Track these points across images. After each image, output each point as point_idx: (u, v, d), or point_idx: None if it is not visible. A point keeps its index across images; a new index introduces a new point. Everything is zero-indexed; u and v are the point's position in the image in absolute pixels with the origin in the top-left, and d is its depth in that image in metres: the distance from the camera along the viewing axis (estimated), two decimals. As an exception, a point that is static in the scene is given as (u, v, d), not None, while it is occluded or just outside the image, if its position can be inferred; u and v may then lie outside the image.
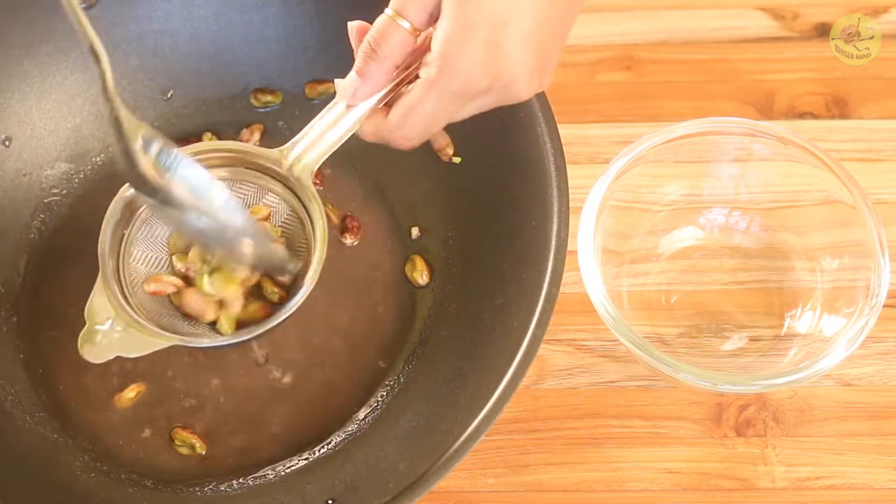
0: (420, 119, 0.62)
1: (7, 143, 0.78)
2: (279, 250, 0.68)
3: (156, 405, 0.73)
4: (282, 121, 0.80)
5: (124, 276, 0.68)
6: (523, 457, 0.74)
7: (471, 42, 0.58)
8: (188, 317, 0.69)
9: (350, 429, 0.73)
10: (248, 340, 0.67)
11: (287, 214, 0.70)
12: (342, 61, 0.79)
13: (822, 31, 0.88)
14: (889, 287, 0.70)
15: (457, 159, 0.74)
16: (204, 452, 0.72)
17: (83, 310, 0.75)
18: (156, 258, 0.70)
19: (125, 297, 0.67)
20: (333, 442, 0.72)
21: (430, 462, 0.62)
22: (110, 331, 0.66)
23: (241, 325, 0.69)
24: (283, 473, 0.72)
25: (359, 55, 0.62)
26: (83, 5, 0.78)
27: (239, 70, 0.78)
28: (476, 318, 0.72)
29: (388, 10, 0.61)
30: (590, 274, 0.71)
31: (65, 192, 0.80)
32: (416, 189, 0.78)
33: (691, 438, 0.74)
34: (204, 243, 0.67)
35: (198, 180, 0.63)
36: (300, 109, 0.80)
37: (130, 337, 0.66)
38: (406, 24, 0.60)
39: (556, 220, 0.68)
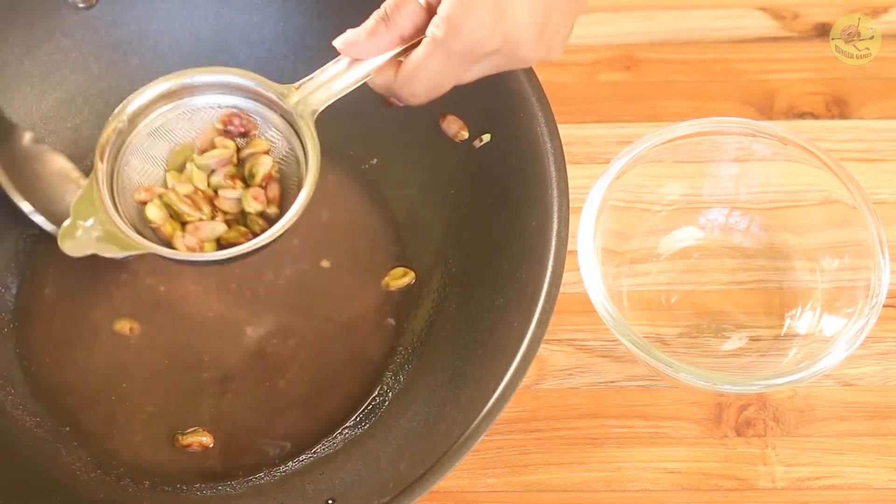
0: (427, 77, 0.63)
1: (7, 143, 0.79)
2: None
3: (157, 406, 0.74)
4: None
5: (117, 181, 0.68)
6: (523, 457, 0.74)
7: (476, 5, 0.60)
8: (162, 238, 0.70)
9: (350, 429, 0.73)
10: (223, 261, 0.67)
11: (286, 152, 0.70)
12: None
13: (822, 31, 0.88)
14: (889, 287, 0.70)
15: (486, 137, 0.74)
16: (211, 444, 0.72)
17: (83, 310, 0.75)
18: (152, 172, 0.70)
19: (113, 201, 0.67)
20: (333, 442, 0.72)
21: (430, 462, 0.62)
22: (91, 228, 0.66)
23: (221, 248, 0.69)
24: (283, 473, 0.72)
25: (373, 16, 0.64)
26: (83, 5, 0.79)
27: (239, 70, 0.78)
28: (476, 318, 0.72)
29: None
30: (590, 274, 0.71)
31: (65, 192, 0.80)
32: (416, 188, 0.78)
33: (691, 438, 0.74)
34: None
35: None
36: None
37: (109, 238, 0.66)
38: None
39: (556, 220, 0.68)
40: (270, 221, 0.69)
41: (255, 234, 0.68)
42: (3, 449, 0.71)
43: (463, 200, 0.76)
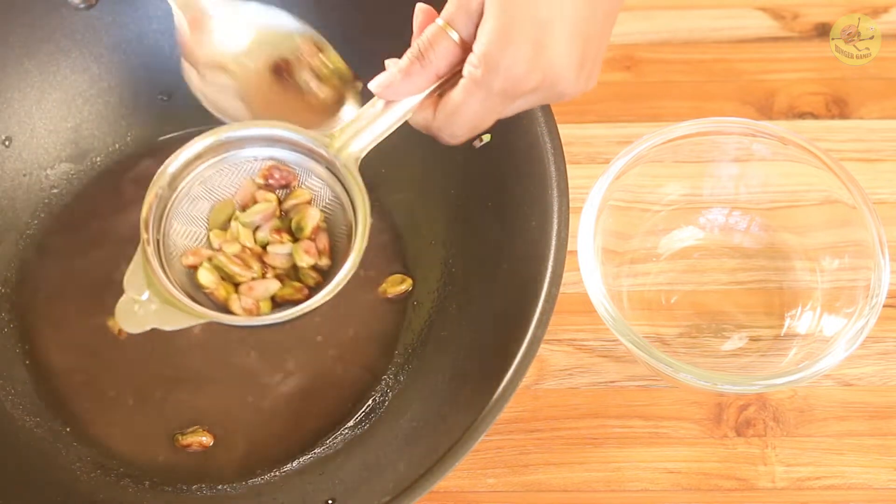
0: (466, 118, 0.62)
1: (7, 143, 0.79)
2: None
3: (157, 406, 0.74)
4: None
5: (163, 249, 0.67)
6: (523, 457, 0.74)
7: (514, 42, 0.58)
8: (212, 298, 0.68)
9: (350, 429, 0.73)
10: (285, 322, 0.65)
11: (329, 199, 0.68)
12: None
13: (822, 31, 0.88)
14: (889, 287, 0.70)
15: (486, 137, 0.74)
16: (211, 444, 0.72)
17: (83, 310, 0.75)
18: (195, 233, 0.68)
19: (164, 271, 0.65)
20: (333, 442, 0.72)
21: (430, 462, 0.62)
22: (148, 302, 0.64)
23: (276, 305, 0.67)
24: (283, 473, 0.72)
25: (406, 55, 0.62)
26: (83, 5, 0.79)
27: (239, 70, 0.78)
28: (476, 318, 0.72)
29: (438, 20, 0.61)
30: (590, 274, 0.71)
31: (65, 192, 0.80)
32: (416, 189, 0.78)
33: (691, 438, 0.74)
34: None
35: None
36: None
37: (167, 310, 0.64)
38: (455, 36, 0.61)
39: (556, 220, 0.68)
40: (322, 273, 0.68)
41: (309, 288, 0.67)
42: (3, 449, 0.71)
43: (463, 201, 0.76)
